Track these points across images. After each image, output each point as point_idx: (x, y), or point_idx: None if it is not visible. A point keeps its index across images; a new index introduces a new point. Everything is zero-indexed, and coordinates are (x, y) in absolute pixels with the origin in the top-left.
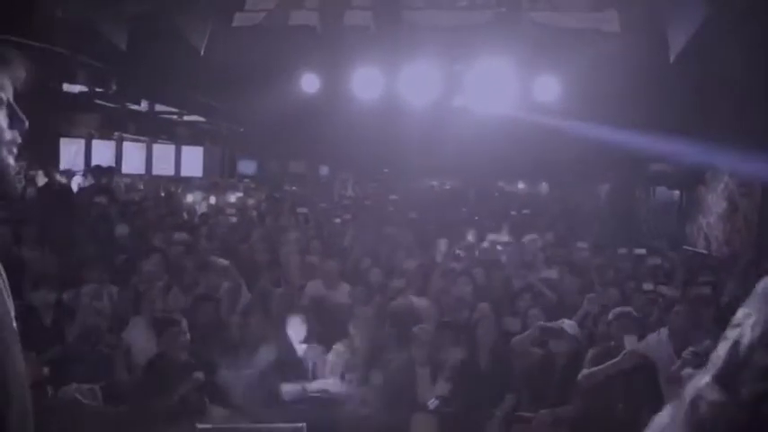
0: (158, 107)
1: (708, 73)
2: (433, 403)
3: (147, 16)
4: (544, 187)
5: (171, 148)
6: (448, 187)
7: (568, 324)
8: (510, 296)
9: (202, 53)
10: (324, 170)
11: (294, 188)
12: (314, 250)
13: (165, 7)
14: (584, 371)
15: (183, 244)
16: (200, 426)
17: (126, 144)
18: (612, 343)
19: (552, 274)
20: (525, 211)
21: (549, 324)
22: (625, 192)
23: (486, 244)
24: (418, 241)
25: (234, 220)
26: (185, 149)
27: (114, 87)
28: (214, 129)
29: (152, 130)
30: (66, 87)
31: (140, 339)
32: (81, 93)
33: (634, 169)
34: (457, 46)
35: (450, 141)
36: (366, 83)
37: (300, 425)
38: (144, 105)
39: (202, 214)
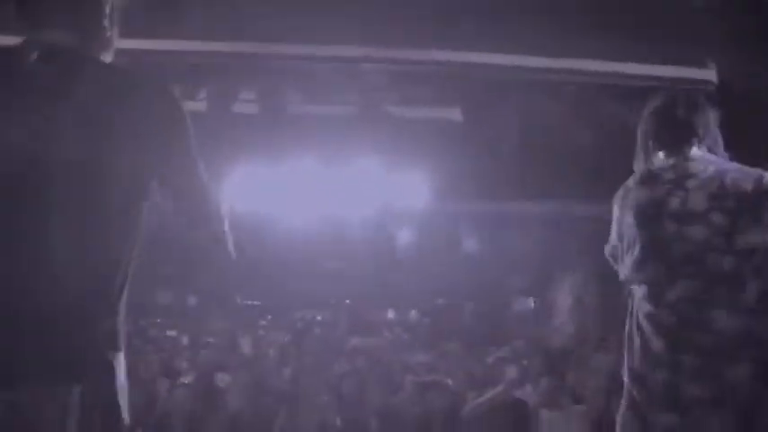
0: None
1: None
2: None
3: None
4: (414, 314)
5: None
6: (319, 318)
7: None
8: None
9: None
10: (192, 300)
11: (159, 320)
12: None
13: None
14: (468, 405)
15: None
16: None
17: None
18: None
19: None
20: None
21: (421, 378)
22: (486, 307)
23: None
24: None
25: None
26: None
27: None
28: None
29: None
30: None
31: None
32: None
33: (493, 288)
34: (328, 146)
35: (323, 262)
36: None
37: None
38: None
39: None
